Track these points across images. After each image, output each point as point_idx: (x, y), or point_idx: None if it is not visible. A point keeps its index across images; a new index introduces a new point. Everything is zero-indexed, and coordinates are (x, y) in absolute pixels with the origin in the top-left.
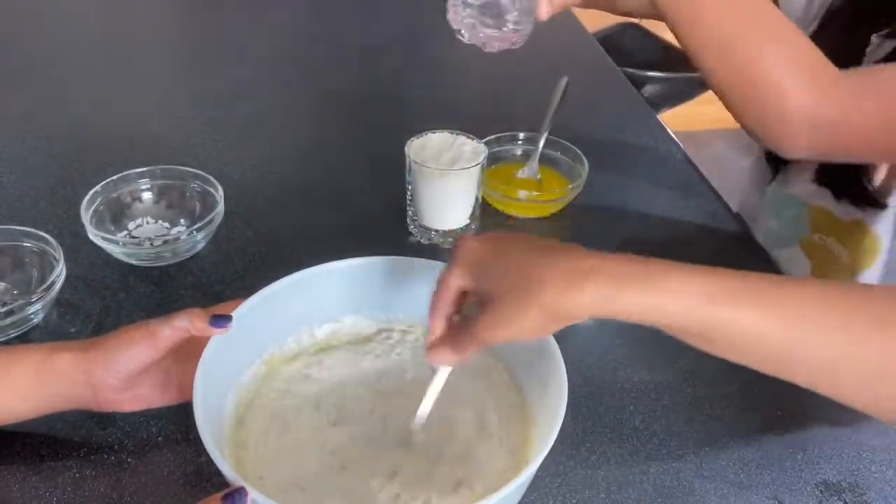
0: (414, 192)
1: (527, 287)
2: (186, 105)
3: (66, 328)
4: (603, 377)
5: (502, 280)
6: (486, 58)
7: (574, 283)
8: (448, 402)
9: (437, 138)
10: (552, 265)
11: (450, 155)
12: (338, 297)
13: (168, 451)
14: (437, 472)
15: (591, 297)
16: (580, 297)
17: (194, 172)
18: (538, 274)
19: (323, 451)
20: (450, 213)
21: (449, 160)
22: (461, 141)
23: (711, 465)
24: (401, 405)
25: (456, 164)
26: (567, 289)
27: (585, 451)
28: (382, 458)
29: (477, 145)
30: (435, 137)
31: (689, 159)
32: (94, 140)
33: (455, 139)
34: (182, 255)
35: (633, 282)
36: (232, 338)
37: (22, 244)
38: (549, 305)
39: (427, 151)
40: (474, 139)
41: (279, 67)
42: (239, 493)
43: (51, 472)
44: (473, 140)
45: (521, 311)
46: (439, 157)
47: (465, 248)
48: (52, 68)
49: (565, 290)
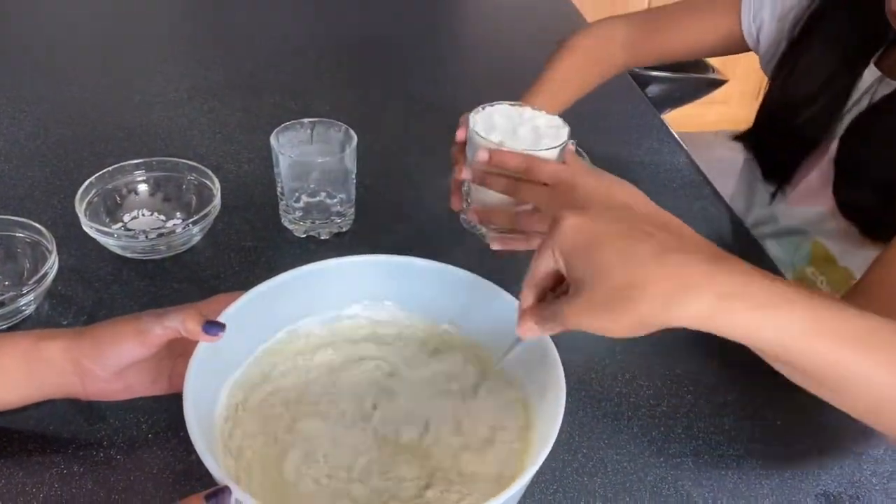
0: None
1: (627, 291)
2: (185, 97)
3: (58, 320)
4: (601, 383)
5: (601, 277)
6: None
7: (677, 297)
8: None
9: (502, 111)
10: (658, 268)
11: (526, 131)
12: (332, 294)
13: (157, 448)
14: (432, 476)
15: (692, 315)
16: (680, 312)
17: (191, 165)
18: (641, 279)
19: (314, 452)
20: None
21: (530, 139)
22: (529, 113)
23: (710, 474)
24: (395, 405)
25: (540, 141)
26: (668, 303)
27: (582, 458)
28: (375, 460)
29: (550, 118)
30: (498, 110)
31: (692, 161)
32: (91, 131)
33: (522, 111)
34: (177, 248)
35: (739, 304)
36: (224, 335)
37: (15, 235)
38: (646, 316)
39: (498, 129)
40: (542, 110)
41: (279, 60)
42: (223, 492)
43: (37, 468)
44: (542, 110)
45: (616, 312)
46: (516, 135)
47: (562, 229)
48: (50, 57)
49: (667, 304)
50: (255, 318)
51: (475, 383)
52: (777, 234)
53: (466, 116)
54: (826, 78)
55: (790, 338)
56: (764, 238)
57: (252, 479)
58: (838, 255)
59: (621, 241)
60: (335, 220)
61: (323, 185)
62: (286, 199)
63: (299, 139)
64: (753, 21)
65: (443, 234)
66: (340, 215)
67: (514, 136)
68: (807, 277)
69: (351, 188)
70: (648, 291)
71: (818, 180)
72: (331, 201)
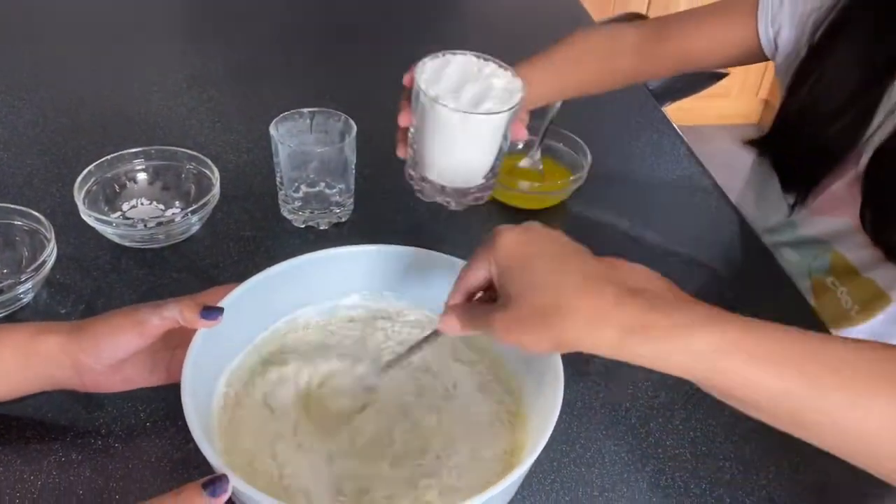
0: (417, 131)
1: (549, 316)
2: (184, 86)
3: (56, 308)
4: (599, 374)
5: (530, 293)
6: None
7: (593, 327)
8: (440, 395)
9: (460, 62)
10: (579, 298)
11: (474, 90)
12: (330, 284)
13: (156, 436)
14: (429, 466)
15: (603, 344)
16: (593, 340)
17: (190, 154)
18: (564, 306)
19: (312, 441)
20: (462, 168)
21: (472, 98)
22: (490, 69)
23: (707, 465)
24: (394, 395)
25: (482, 104)
26: (586, 331)
27: (580, 448)
28: (372, 450)
29: (512, 79)
30: (456, 61)
31: (692, 153)
32: (90, 119)
33: (482, 67)
34: (176, 237)
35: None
36: (222, 325)
37: (13, 223)
38: (565, 339)
39: (444, 81)
40: (509, 69)
41: (279, 49)
42: (220, 480)
43: (36, 456)
44: (508, 70)
45: (538, 331)
46: (460, 92)
47: (501, 242)
48: (49, 45)
49: (584, 333)
50: (253, 307)
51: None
52: (795, 243)
53: (419, 64)
54: (854, 89)
55: (699, 361)
56: (781, 246)
57: (249, 467)
58: (860, 267)
59: (553, 262)
60: (334, 211)
61: (322, 174)
62: (285, 188)
63: (299, 129)
64: (771, 25)
65: (442, 224)
66: (340, 205)
67: (457, 93)
68: (826, 287)
69: (350, 178)
70: (568, 320)
71: (841, 192)
72: (330, 191)
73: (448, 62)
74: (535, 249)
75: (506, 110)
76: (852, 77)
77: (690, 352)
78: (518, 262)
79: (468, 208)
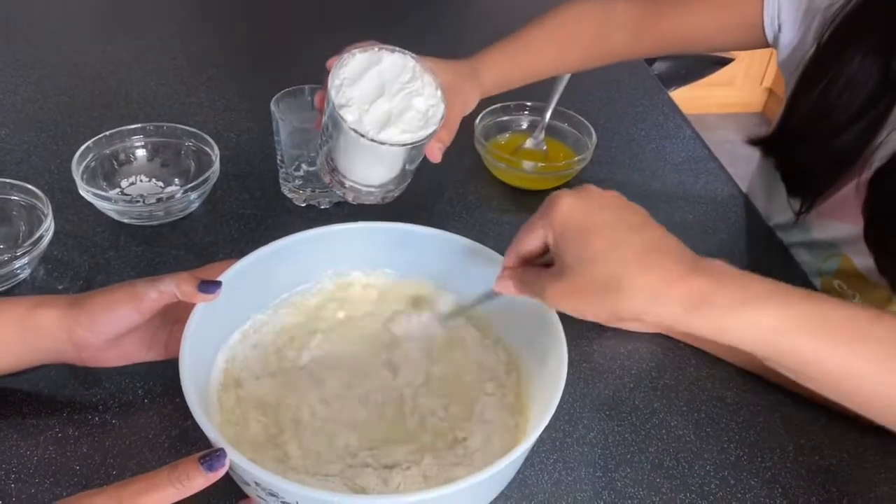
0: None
1: (611, 290)
2: (184, 63)
3: (53, 285)
4: (603, 353)
5: (587, 264)
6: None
7: (657, 302)
8: (444, 374)
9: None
10: (642, 273)
11: (389, 106)
12: (330, 261)
13: (154, 413)
14: (431, 445)
15: (667, 314)
16: (657, 310)
17: (189, 130)
18: (627, 280)
19: (312, 417)
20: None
21: (381, 117)
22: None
23: (711, 447)
24: (392, 372)
25: (388, 127)
26: (649, 306)
27: (583, 429)
28: (374, 429)
29: (437, 103)
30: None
31: (698, 136)
32: (89, 96)
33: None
34: (175, 214)
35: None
36: (220, 301)
37: (10, 198)
38: (625, 309)
39: (360, 86)
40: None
41: (278, 25)
42: (218, 455)
43: (32, 431)
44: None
45: (597, 301)
46: (371, 105)
47: (561, 207)
48: (48, 22)
49: (647, 307)
50: (252, 283)
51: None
52: (807, 243)
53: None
54: (868, 95)
55: (762, 335)
56: (792, 246)
57: (247, 442)
58: (868, 273)
59: (612, 231)
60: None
61: None
62: (286, 167)
63: (300, 106)
64: (779, 12)
65: (443, 202)
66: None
67: (367, 105)
68: (834, 290)
69: None
70: (633, 291)
71: (851, 196)
72: None
73: (377, 61)
74: (594, 219)
75: (408, 143)
76: (864, 87)
77: (755, 327)
78: (576, 232)
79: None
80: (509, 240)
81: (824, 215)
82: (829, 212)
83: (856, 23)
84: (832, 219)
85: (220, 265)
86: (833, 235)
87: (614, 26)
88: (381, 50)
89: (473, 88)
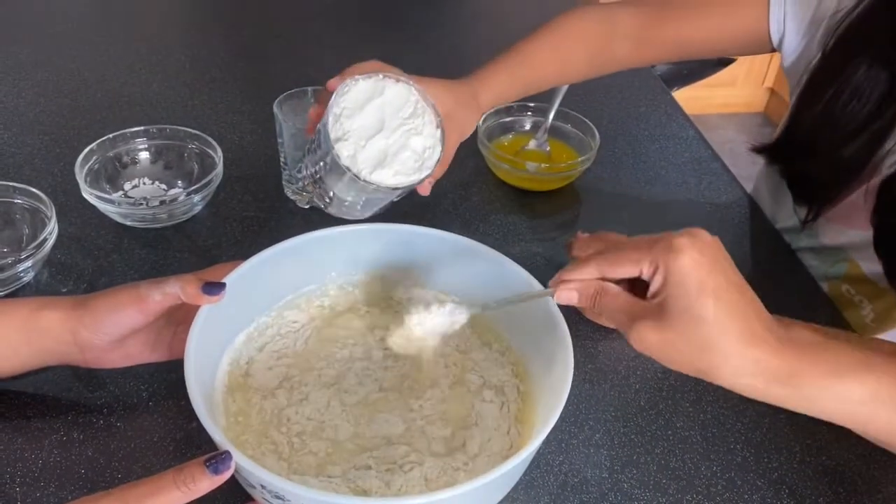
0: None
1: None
2: (186, 66)
3: (57, 288)
4: (608, 354)
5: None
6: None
7: (742, 375)
8: (450, 376)
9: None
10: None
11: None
12: (334, 262)
13: (158, 415)
14: (437, 447)
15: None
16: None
17: (193, 133)
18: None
19: (315, 419)
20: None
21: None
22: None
23: (717, 448)
24: (395, 373)
25: (383, 167)
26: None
27: (589, 430)
28: (377, 428)
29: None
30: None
31: (701, 136)
32: (92, 98)
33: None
34: (178, 217)
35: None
36: (225, 303)
37: (13, 201)
38: (709, 377)
39: (358, 119)
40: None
41: (281, 27)
42: (223, 457)
43: (37, 434)
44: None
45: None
46: (368, 140)
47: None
48: (51, 25)
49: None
50: (257, 285)
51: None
52: (814, 248)
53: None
54: (875, 104)
55: (851, 409)
56: (799, 251)
57: (252, 444)
58: (876, 279)
59: (724, 293)
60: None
61: None
62: (289, 169)
63: (303, 108)
64: (784, 18)
65: (446, 204)
66: None
67: (364, 140)
68: (842, 294)
69: None
70: (725, 361)
71: (860, 202)
72: None
73: (380, 91)
74: (710, 280)
75: (400, 187)
76: (870, 96)
77: (843, 400)
78: (693, 288)
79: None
80: (513, 241)
81: (832, 221)
82: (837, 217)
83: (861, 30)
84: (840, 224)
85: (224, 267)
86: (841, 241)
87: (618, 36)
88: (385, 78)
89: (471, 115)
